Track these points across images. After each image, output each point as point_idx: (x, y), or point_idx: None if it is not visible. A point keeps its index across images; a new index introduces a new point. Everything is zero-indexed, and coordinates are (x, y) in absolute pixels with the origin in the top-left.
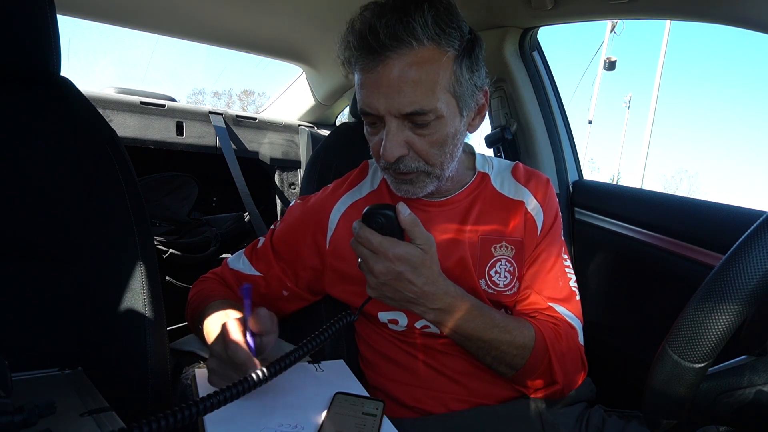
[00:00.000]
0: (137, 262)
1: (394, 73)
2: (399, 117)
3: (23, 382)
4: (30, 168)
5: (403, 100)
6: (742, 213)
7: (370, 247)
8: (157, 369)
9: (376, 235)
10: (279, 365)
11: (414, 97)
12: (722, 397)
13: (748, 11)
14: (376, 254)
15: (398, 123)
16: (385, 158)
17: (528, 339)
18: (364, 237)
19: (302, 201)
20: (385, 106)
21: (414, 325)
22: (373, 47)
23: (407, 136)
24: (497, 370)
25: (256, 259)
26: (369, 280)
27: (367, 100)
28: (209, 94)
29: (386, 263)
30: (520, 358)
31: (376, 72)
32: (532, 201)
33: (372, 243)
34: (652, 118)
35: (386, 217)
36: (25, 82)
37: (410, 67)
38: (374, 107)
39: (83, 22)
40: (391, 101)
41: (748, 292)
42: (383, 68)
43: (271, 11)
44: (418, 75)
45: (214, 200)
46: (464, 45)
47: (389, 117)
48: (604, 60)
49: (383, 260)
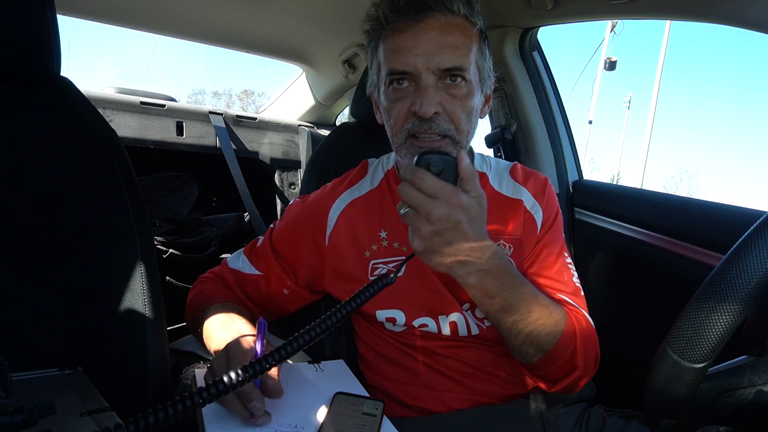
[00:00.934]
0: (137, 262)
1: (434, 32)
2: (436, 74)
3: (23, 382)
4: (30, 168)
5: (443, 56)
6: (742, 213)
7: (428, 191)
8: (157, 369)
9: (437, 179)
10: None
11: (453, 55)
12: (722, 397)
13: (748, 11)
14: (434, 199)
15: (434, 81)
16: (421, 113)
17: (561, 317)
18: (424, 179)
19: (301, 200)
20: (424, 62)
21: (412, 323)
22: (416, 6)
23: (442, 97)
24: (525, 354)
25: (256, 259)
26: (421, 228)
27: (404, 57)
28: (209, 94)
29: (447, 208)
30: (552, 336)
31: (416, 31)
32: (531, 200)
33: (433, 186)
34: (652, 118)
35: (446, 162)
36: (25, 82)
37: (449, 28)
38: (412, 64)
39: (83, 22)
40: (431, 57)
41: (748, 292)
42: (424, 27)
43: (271, 11)
44: (455, 37)
45: (214, 200)
46: (483, 29)
47: (426, 74)
48: (605, 60)
49: (444, 205)
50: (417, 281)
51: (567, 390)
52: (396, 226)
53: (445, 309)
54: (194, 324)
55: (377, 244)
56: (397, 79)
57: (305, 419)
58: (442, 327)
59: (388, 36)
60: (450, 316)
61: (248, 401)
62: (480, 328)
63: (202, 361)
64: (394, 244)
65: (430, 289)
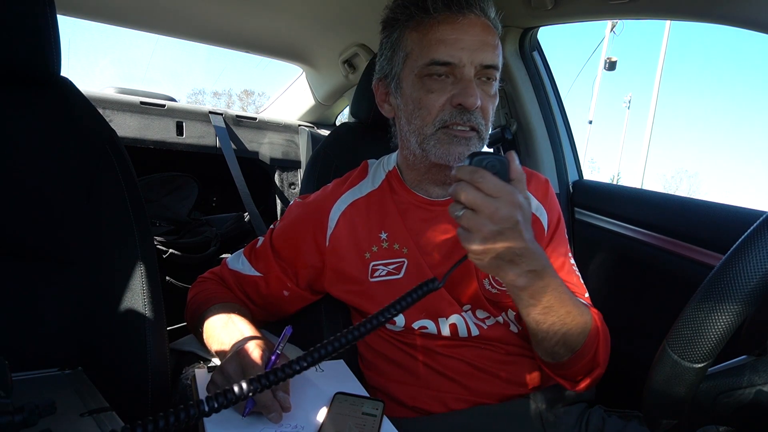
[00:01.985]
0: (137, 262)
1: (478, 29)
2: (477, 69)
3: (23, 382)
4: (30, 168)
5: (486, 53)
6: (742, 213)
7: (489, 191)
8: (157, 369)
9: (498, 179)
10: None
11: (492, 53)
12: (722, 397)
13: (748, 11)
14: (497, 198)
15: (473, 75)
16: (468, 104)
17: (589, 317)
18: (486, 179)
19: (302, 200)
20: (470, 55)
21: (411, 325)
22: (462, 3)
23: (479, 92)
24: (556, 354)
25: (256, 259)
26: (483, 228)
27: (449, 48)
28: (209, 94)
29: (510, 208)
30: (582, 336)
31: (459, 24)
32: (534, 202)
33: (495, 185)
34: (652, 118)
35: (501, 163)
36: (25, 83)
37: (486, 28)
38: (458, 56)
39: (83, 22)
40: (475, 52)
41: (748, 292)
42: (469, 23)
43: (271, 11)
44: (492, 38)
45: (214, 200)
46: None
47: (470, 67)
48: (605, 60)
49: (507, 205)
50: (416, 283)
51: (588, 388)
52: (396, 228)
53: (444, 311)
54: (194, 324)
55: (377, 245)
56: (436, 70)
57: (305, 419)
58: (442, 329)
59: (429, 25)
60: (450, 318)
61: (268, 412)
62: (480, 328)
63: (202, 361)
64: (395, 246)
65: None
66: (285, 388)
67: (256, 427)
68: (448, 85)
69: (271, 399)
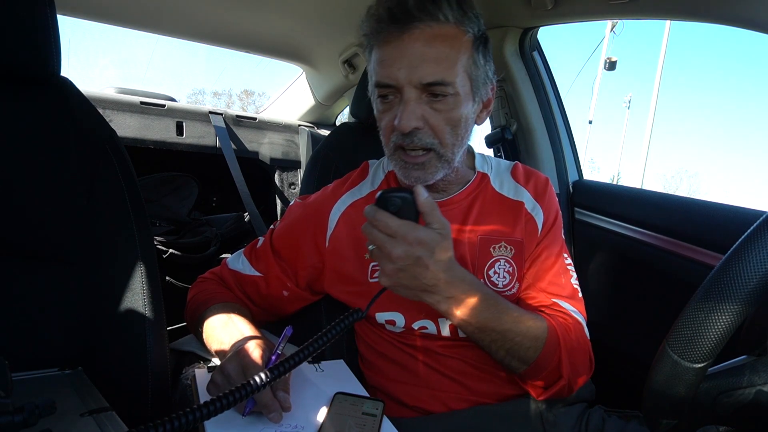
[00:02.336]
0: (137, 262)
1: (418, 44)
2: (418, 88)
3: (23, 382)
4: (30, 168)
5: (425, 70)
6: (742, 213)
7: (387, 231)
8: (157, 369)
9: (395, 219)
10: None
11: (436, 69)
12: (722, 397)
13: (748, 11)
14: (394, 238)
15: (417, 94)
16: (400, 128)
17: (541, 331)
18: (381, 221)
19: (302, 200)
20: (407, 75)
21: (411, 326)
22: (400, 18)
23: (424, 110)
24: (509, 366)
25: (256, 259)
26: (385, 267)
27: (387, 71)
28: (209, 94)
29: (406, 247)
30: (533, 350)
31: (400, 42)
32: (531, 201)
33: (390, 226)
34: (652, 118)
35: (403, 200)
36: (25, 82)
37: (434, 39)
38: (394, 77)
39: (83, 22)
40: (413, 70)
41: (748, 292)
42: (408, 38)
43: (271, 11)
44: (440, 49)
45: (214, 200)
46: (480, 33)
47: (408, 87)
48: (605, 60)
49: (402, 244)
50: None
51: (556, 396)
52: None
53: None
54: (194, 324)
55: None
56: (382, 92)
57: (305, 419)
58: (442, 329)
59: (378, 45)
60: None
61: (268, 412)
62: None
63: (202, 361)
64: None
65: None
66: (285, 387)
67: (256, 426)
68: (395, 106)
69: (271, 399)
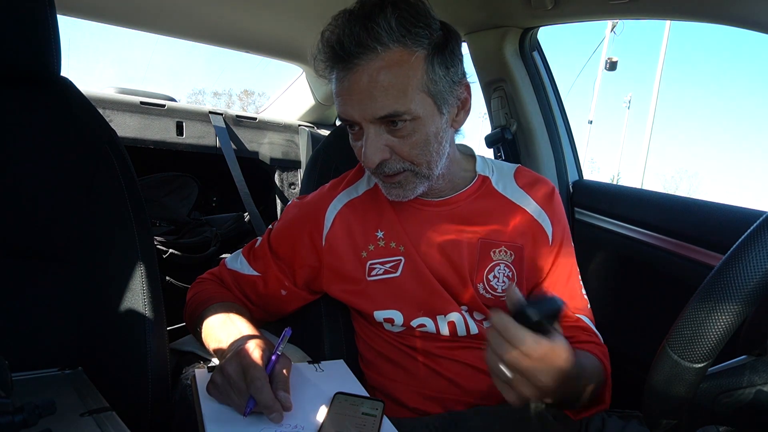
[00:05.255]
0: (137, 262)
1: (364, 80)
2: (375, 122)
3: (23, 382)
4: (30, 167)
5: (375, 105)
6: (742, 213)
7: (530, 354)
8: (157, 369)
9: (539, 339)
10: None
11: (386, 101)
12: (722, 397)
13: (748, 11)
14: (538, 364)
15: (375, 128)
16: (366, 165)
17: (602, 375)
18: (526, 343)
19: (299, 200)
20: (359, 112)
21: (410, 324)
22: (341, 56)
23: (386, 140)
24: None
25: (254, 259)
26: (523, 389)
27: (343, 107)
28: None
29: (553, 373)
30: (594, 393)
31: (347, 80)
32: (537, 209)
33: (537, 349)
34: (652, 118)
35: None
36: (25, 82)
37: (379, 71)
38: (349, 114)
39: (83, 22)
40: (364, 107)
41: (748, 292)
42: (353, 76)
43: (271, 11)
44: (387, 79)
45: (214, 200)
46: (435, 42)
47: (365, 123)
48: (606, 60)
49: (550, 371)
50: (414, 282)
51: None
52: (392, 226)
53: (443, 309)
54: (193, 324)
55: (374, 244)
56: (347, 123)
57: (305, 419)
58: (441, 327)
59: (333, 79)
60: (448, 315)
61: (269, 412)
62: (479, 327)
63: (202, 361)
64: (391, 244)
65: (427, 290)
66: (286, 387)
67: (256, 426)
68: (362, 137)
69: (272, 399)
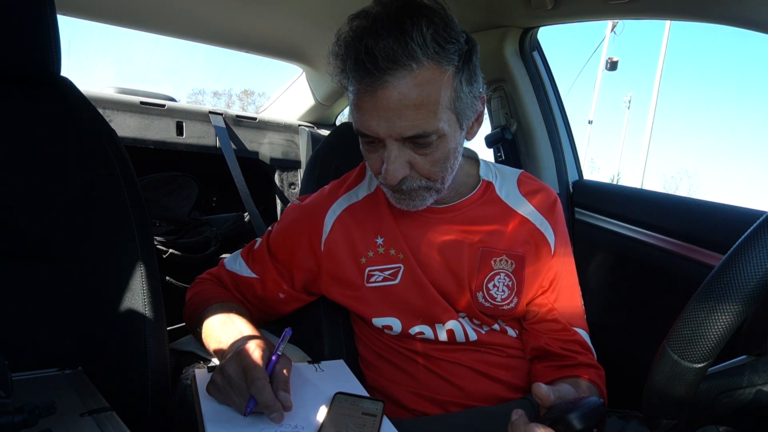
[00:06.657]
0: (137, 262)
1: (395, 97)
2: (400, 140)
3: (23, 382)
4: (30, 168)
5: (405, 124)
6: (742, 213)
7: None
8: (157, 369)
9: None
10: None
11: (416, 120)
12: (722, 397)
13: (748, 11)
14: None
15: (399, 146)
16: (388, 182)
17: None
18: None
19: (299, 202)
20: (386, 130)
21: (408, 331)
22: (371, 71)
23: (409, 157)
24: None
25: (253, 261)
26: None
27: (366, 122)
28: (209, 94)
29: None
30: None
31: (374, 95)
32: (539, 217)
33: None
34: (652, 118)
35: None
36: (25, 83)
37: (411, 89)
38: (373, 130)
39: (83, 22)
40: (392, 125)
41: (748, 292)
42: (382, 91)
43: (271, 11)
44: (419, 97)
45: (214, 200)
46: (463, 57)
47: (390, 140)
48: (606, 60)
49: None
50: (413, 290)
51: None
52: (392, 233)
53: (440, 317)
54: (193, 324)
55: (373, 250)
56: (364, 138)
57: (305, 419)
58: (439, 334)
59: (353, 88)
60: (446, 324)
61: (270, 412)
62: (478, 333)
63: (202, 361)
64: (390, 251)
65: (425, 298)
66: (286, 387)
67: (256, 426)
68: (379, 149)
69: (273, 399)
